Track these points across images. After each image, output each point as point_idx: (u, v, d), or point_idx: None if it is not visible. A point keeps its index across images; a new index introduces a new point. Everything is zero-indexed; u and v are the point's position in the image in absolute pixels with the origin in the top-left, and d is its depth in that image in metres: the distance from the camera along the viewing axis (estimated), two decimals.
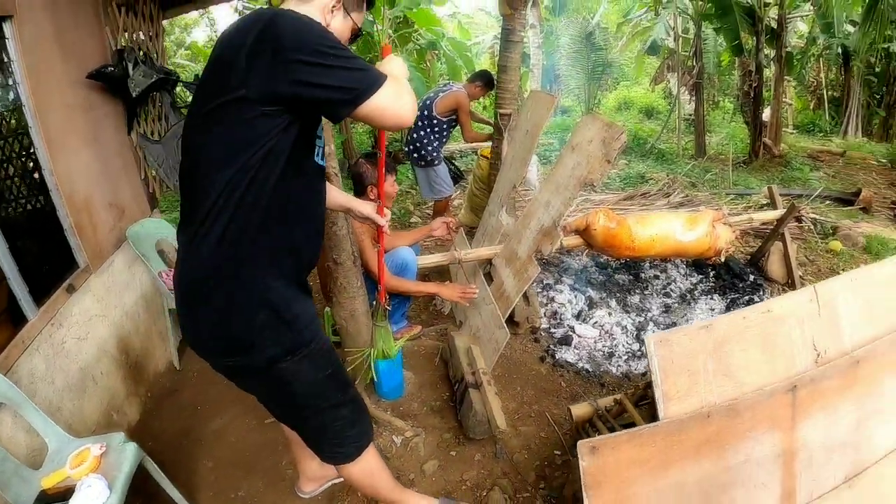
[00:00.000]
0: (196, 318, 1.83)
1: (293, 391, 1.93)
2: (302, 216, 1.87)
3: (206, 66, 1.72)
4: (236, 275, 1.74)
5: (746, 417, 1.89)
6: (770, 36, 10.53)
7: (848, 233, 6.31)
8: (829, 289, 2.19)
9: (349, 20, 1.93)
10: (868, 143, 13.58)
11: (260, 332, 1.79)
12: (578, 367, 3.85)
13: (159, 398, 3.79)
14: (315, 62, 1.56)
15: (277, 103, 1.61)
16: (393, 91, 1.67)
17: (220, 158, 1.65)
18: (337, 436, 2.10)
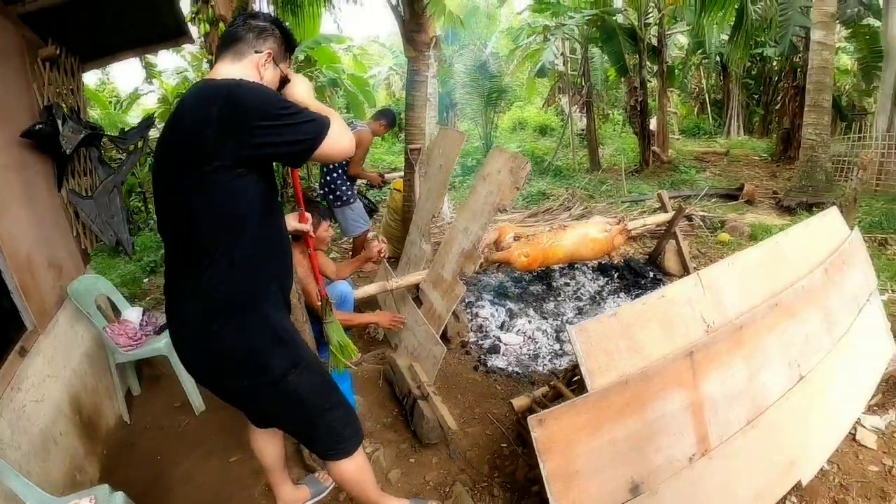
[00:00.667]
0: (212, 350, 2.09)
1: (301, 398, 2.22)
2: (280, 249, 2.22)
3: (168, 134, 1.98)
4: (243, 307, 2.04)
5: (656, 381, 2.36)
6: (652, 52, 11.42)
7: (735, 224, 7.07)
8: (711, 274, 2.75)
9: (278, 70, 2.18)
10: (750, 141, 14.73)
11: (271, 353, 2.11)
12: (509, 371, 4.26)
13: (117, 453, 3.76)
14: (276, 124, 1.87)
15: (250, 164, 1.93)
16: (337, 128, 2.01)
17: (212, 217, 1.94)
18: (338, 433, 2.36)
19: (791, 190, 8.64)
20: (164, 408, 4.17)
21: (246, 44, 2.11)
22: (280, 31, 2.20)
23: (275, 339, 2.12)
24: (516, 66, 15.71)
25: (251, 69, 2.10)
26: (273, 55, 2.15)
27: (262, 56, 2.11)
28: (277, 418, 2.40)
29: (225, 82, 1.93)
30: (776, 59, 12.59)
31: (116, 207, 4.41)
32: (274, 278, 2.18)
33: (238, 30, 2.14)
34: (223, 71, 2.08)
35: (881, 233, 6.71)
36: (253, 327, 2.07)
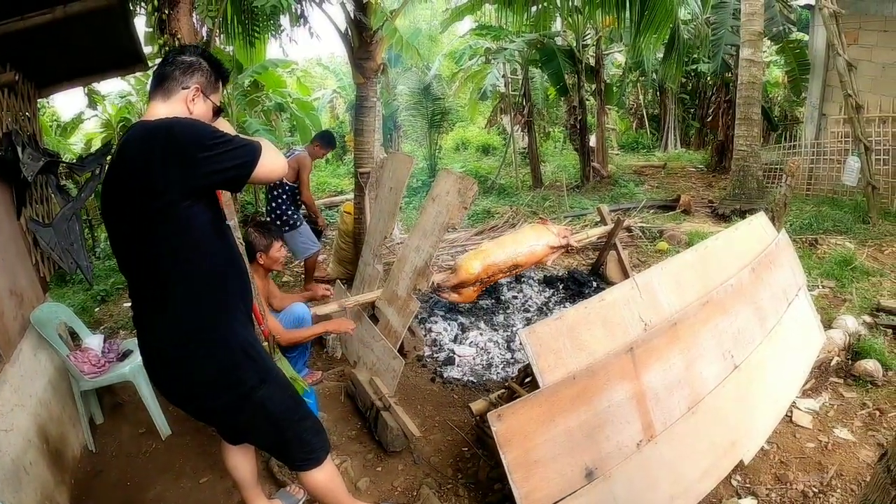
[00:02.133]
0: (187, 374, 2.19)
1: (271, 411, 2.31)
2: (236, 268, 2.33)
3: (115, 177, 2.09)
4: (210, 329, 2.16)
5: (601, 375, 2.59)
6: (590, 72, 11.77)
7: (673, 233, 7.39)
8: (646, 277, 3.01)
9: (209, 102, 2.27)
10: (687, 153, 15.16)
11: (241, 367, 2.21)
12: (465, 381, 4.44)
13: (85, 482, 3.70)
14: (215, 153, 1.97)
15: (197, 194, 2.04)
16: (268, 150, 2.10)
17: (169, 248, 2.06)
18: (308, 443, 2.45)
19: (725, 198, 9.05)
20: (129, 434, 4.13)
21: (174, 81, 2.20)
22: (208, 63, 2.28)
23: (243, 354, 2.22)
24: (458, 87, 15.96)
25: (180, 105, 2.19)
26: (201, 88, 2.24)
27: (190, 91, 2.20)
28: (251, 432, 2.49)
29: (161, 122, 2.02)
30: (710, 75, 13.06)
31: (76, 235, 4.35)
32: (234, 296, 2.27)
33: (165, 68, 2.22)
34: (155, 111, 2.17)
35: (812, 234, 7.10)
36: (222, 347, 2.18)
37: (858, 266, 5.84)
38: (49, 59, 4.39)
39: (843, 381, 3.96)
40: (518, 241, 4.81)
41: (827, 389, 3.88)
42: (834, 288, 5.46)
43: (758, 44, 8.68)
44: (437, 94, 14.54)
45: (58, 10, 3.65)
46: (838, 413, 3.65)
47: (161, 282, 2.11)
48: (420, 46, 18.16)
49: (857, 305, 4.96)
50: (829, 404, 3.73)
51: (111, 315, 6.76)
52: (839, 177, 8.88)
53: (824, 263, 6.05)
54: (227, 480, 2.97)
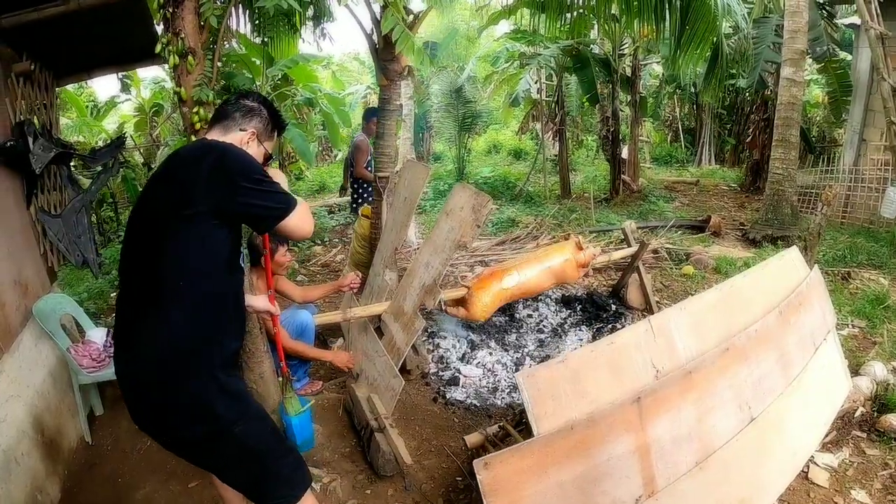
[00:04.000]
0: (160, 397, 2.10)
1: (250, 447, 2.23)
2: (235, 307, 2.29)
3: (156, 181, 2.18)
4: (193, 354, 2.08)
5: (603, 426, 2.39)
6: (625, 83, 11.51)
7: (699, 257, 7.09)
8: (662, 318, 2.80)
9: (262, 148, 2.38)
10: (720, 170, 14.83)
11: (218, 401, 2.12)
12: (468, 404, 4.27)
13: (78, 475, 3.72)
14: (257, 188, 2.06)
15: (227, 217, 2.09)
16: (303, 209, 2.18)
17: (179, 259, 2.05)
18: (287, 480, 2.34)
19: (757, 223, 8.75)
20: (126, 429, 4.09)
21: (233, 121, 2.32)
22: (267, 111, 2.40)
23: (221, 390, 2.14)
24: (493, 89, 15.81)
25: (236, 143, 2.26)
26: (257, 134, 2.35)
27: (246, 135, 2.31)
28: (226, 469, 2.36)
29: (217, 143, 2.18)
30: (747, 90, 12.76)
31: (84, 227, 4.40)
32: (226, 331, 2.23)
33: (228, 107, 2.36)
34: (211, 139, 2.27)
35: (844, 266, 6.79)
36: (203, 376, 2.10)
37: (892, 305, 5.55)
38: (67, 50, 4.44)
39: (865, 436, 3.70)
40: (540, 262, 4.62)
41: (848, 444, 3.63)
42: (864, 328, 5.19)
43: (800, 63, 8.34)
44: (468, 97, 14.41)
45: (72, 2, 3.67)
46: (858, 472, 3.40)
47: (156, 294, 2.08)
48: (457, 46, 18.12)
49: (887, 350, 4.69)
50: (849, 461, 3.48)
51: None
52: (877, 206, 8.61)
53: (856, 300, 5.78)
54: (215, 487, 2.82)
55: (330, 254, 8.52)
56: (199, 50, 3.12)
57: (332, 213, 10.94)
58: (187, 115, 3.22)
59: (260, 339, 3.59)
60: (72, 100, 13.48)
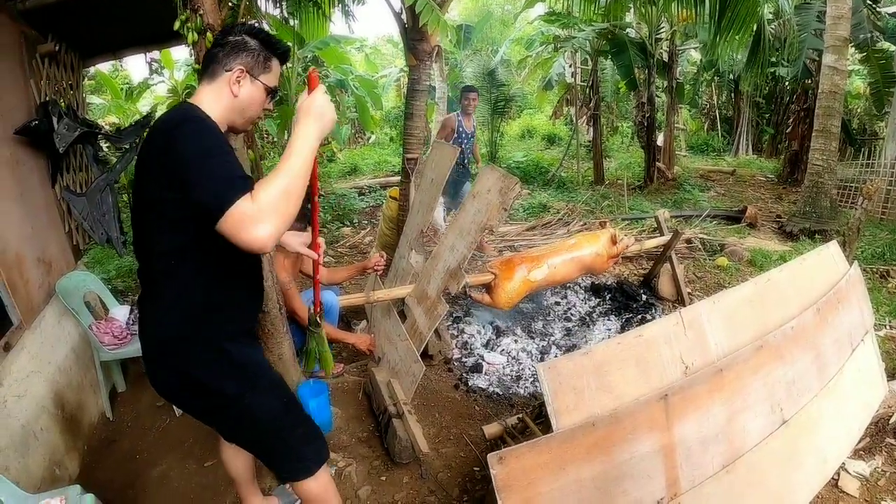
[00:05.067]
0: (166, 373, 2.10)
1: (257, 419, 2.19)
2: (243, 277, 2.17)
3: (141, 151, 1.97)
4: (196, 332, 2.03)
5: (627, 423, 2.29)
6: (662, 68, 11.30)
7: (734, 248, 6.93)
8: (693, 312, 2.67)
9: (258, 84, 2.09)
10: (758, 160, 14.54)
11: (223, 379, 2.08)
12: (490, 392, 4.19)
13: (98, 450, 3.77)
14: (192, 179, 1.73)
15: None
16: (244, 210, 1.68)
17: (163, 236, 1.93)
18: (297, 453, 2.31)
19: (794, 215, 8.54)
20: (147, 406, 4.15)
21: (217, 63, 2.05)
22: (257, 40, 2.10)
23: (229, 363, 2.10)
24: (528, 73, 15.61)
25: (224, 88, 2.05)
26: (248, 69, 2.06)
27: (233, 74, 2.04)
28: (236, 437, 2.37)
29: (176, 115, 1.94)
30: (788, 80, 12.43)
31: (108, 206, 4.41)
32: (236, 304, 2.15)
33: (212, 49, 2.09)
34: (199, 93, 2.06)
35: (884, 264, 6.58)
36: (201, 353, 2.05)
37: None
38: (92, 30, 4.41)
39: None
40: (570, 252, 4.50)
41: (881, 452, 3.47)
42: None
43: (843, 50, 8.06)
44: (501, 80, 14.25)
45: None
46: (890, 483, 3.24)
47: (151, 275, 2.06)
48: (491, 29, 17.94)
49: None
50: (882, 471, 3.32)
51: None
52: None
53: (895, 300, 5.59)
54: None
55: (358, 235, 8.48)
56: (218, 27, 3.06)
57: (363, 194, 10.91)
58: None
59: (279, 320, 3.52)
60: (106, 82, 13.61)
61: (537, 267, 4.18)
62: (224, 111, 2.05)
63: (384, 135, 19.93)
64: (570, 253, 4.40)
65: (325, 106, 1.92)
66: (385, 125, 19.87)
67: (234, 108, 2.07)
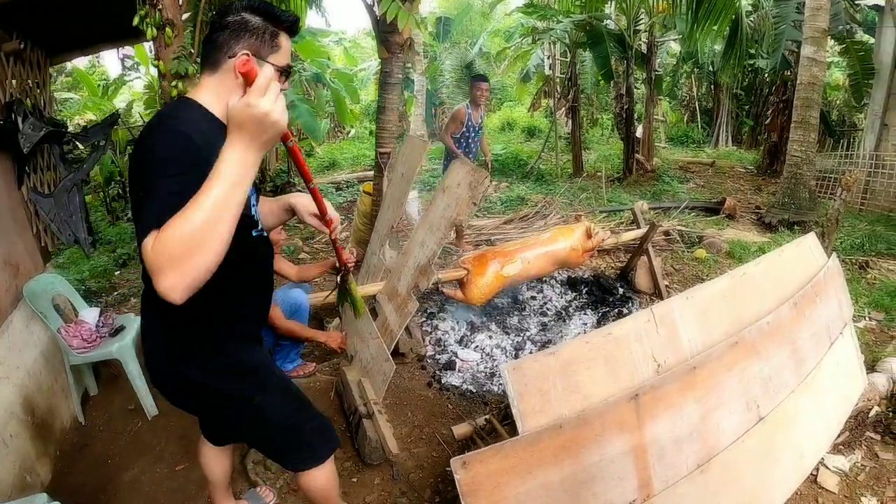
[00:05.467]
0: (165, 380, 2.06)
1: (269, 419, 2.15)
2: (244, 277, 2.01)
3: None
4: (193, 335, 1.97)
5: (595, 424, 2.21)
6: (641, 60, 11.25)
7: (712, 240, 6.88)
8: (666, 308, 2.59)
9: (268, 66, 1.71)
10: (737, 152, 14.61)
11: (231, 380, 2.05)
12: (463, 390, 4.10)
13: (69, 455, 3.70)
14: (142, 195, 1.58)
15: None
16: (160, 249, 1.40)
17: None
18: (309, 447, 2.27)
19: (773, 206, 8.51)
20: (118, 409, 4.09)
21: (218, 50, 1.81)
22: (259, 16, 1.84)
23: (231, 371, 2.05)
24: (507, 66, 15.53)
25: (229, 78, 1.81)
26: (254, 51, 1.80)
27: (238, 59, 1.68)
28: (244, 436, 2.35)
29: (159, 116, 1.79)
30: (767, 71, 12.44)
31: (76, 206, 4.36)
32: (229, 304, 2.00)
33: (210, 35, 1.84)
34: (200, 86, 1.86)
35: (863, 255, 6.57)
36: (194, 360, 2.00)
37: None
38: (59, 27, 4.29)
39: (880, 438, 3.48)
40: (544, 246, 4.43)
41: (861, 446, 3.42)
42: (882, 321, 4.97)
43: (821, 42, 8.01)
44: (479, 72, 14.14)
45: None
46: (870, 478, 3.20)
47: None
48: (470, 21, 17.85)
49: None
50: (861, 465, 3.27)
51: (128, 280, 6.69)
52: None
53: (874, 291, 5.56)
54: (200, 471, 2.81)
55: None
56: (179, 21, 2.97)
57: (340, 189, 10.80)
58: (166, 90, 3.09)
59: None
60: (83, 78, 13.44)
61: (510, 262, 4.12)
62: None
63: (363, 129, 19.79)
64: (544, 247, 4.34)
65: (263, 111, 1.42)
66: (365, 119, 19.72)
67: None
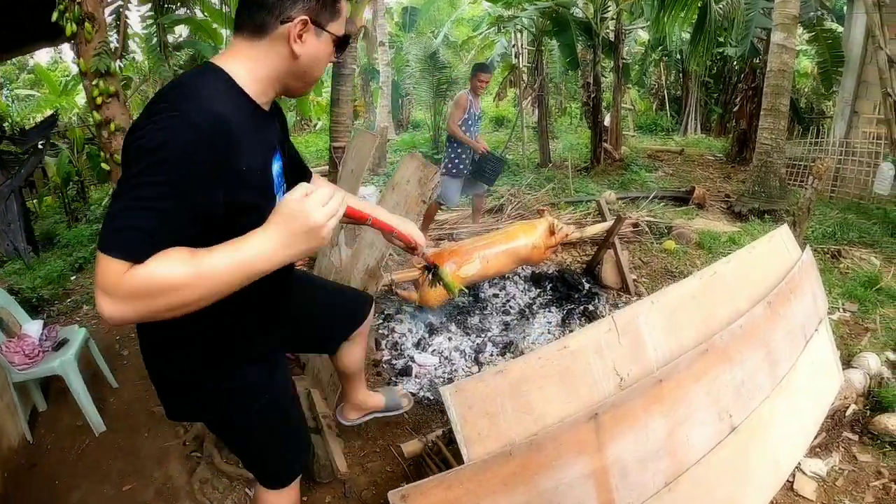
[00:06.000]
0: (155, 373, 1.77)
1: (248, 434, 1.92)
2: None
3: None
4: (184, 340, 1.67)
5: (550, 449, 1.97)
6: (608, 48, 11.07)
7: (682, 231, 6.67)
8: (629, 315, 2.35)
9: (326, 35, 1.53)
10: (706, 139, 14.57)
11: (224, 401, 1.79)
12: (420, 397, 3.85)
13: (17, 475, 3.51)
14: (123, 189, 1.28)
15: None
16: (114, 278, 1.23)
17: None
18: (279, 466, 2.06)
19: (743, 195, 8.34)
20: (66, 426, 3.89)
21: (266, 10, 1.45)
22: None
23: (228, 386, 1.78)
24: (474, 55, 15.25)
25: (279, 46, 1.48)
26: (313, 17, 1.47)
27: (295, 26, 1.44)
28: (223, 439, 2.18)
29: (171, 95, 1.38)
30: (736, 59, 12.34)
31: (14, 214, 4.14)
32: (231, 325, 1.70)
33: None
34: (233, 51, 1.51)
35: (835, 244, 6.43)
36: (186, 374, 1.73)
37: (885, 288, 5.18)
38: None
39: (857, 439, 3.32)
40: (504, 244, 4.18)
41: (838, 448, 3.25)
42: (856, 313, 4.81)
43: (792, 28, 7.84)
44: (444, 62, 13.86)
45: None
46: (848, 482, 3.02)
47: None
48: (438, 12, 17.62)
49: (880, 339, 4.32)
50: (839, 469, 3.10)
51: (83, 286, 6.40)
52: (868, 181, 8.29)
53: (847, 281, 5.41)
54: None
55: None
56: (100, 16, 2.70)
57: None
58: (89, 89, 2.82)
59: None
60: (42, 75, 13.20)
61: (468, 262, 3.87)
62: (275, 75, 1.53)
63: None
64: (504, 245, 4.10)
65: (318, 223, 1.32)
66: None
67: (292, 71, 1.53)
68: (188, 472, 3.26)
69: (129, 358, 4.66)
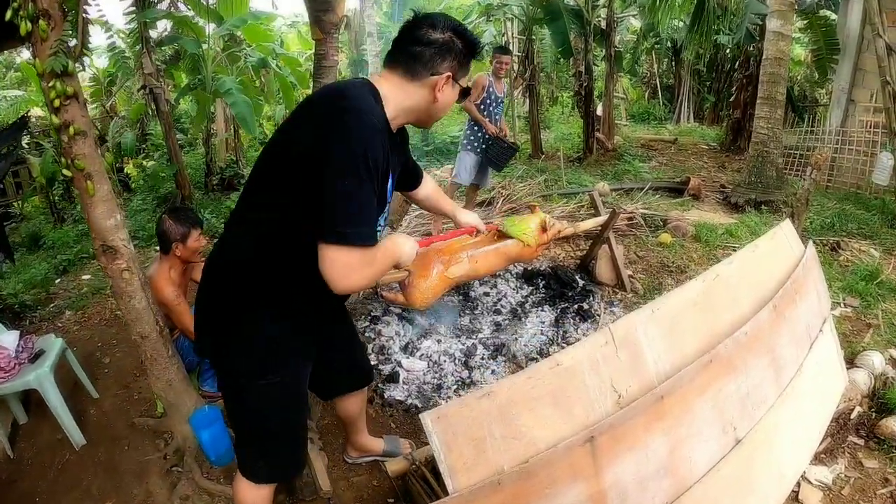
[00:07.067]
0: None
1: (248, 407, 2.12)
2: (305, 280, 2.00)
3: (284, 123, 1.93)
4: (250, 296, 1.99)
5: (542, 476, 1.81)
6: (600, 36, 10.91)
7: (678, 223, 6.50)
8: (627, 326, 2.19)
9: (457, 87, 1.96)
10: (700, 128, 14.47)
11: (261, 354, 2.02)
12: (408, 404, 3.71)
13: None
14: (333, 191, 1.66)
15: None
16: (358, 259, 1.73)
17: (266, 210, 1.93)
18: (263, 458, 2.22)
19: (739, 185, 8.20)
20: (47, 440, 3.78)
21: (422, 64, 1.87)
22: (462, 41, 1.91)
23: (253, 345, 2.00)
24: None
25: (424, 91, 1.91)
26: (454, 73, 1.91)
27: (441, 79, 1.88)
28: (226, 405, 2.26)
29: (350, 102, 1.77)
30: (730, 46, 12.21)
31: None
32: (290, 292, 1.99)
33: (414, 48, 1.87)
34: (387, 80, 1.91)
35: (833, 235, 6.29)
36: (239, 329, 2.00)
37: (886, 281, 5.06)
38: None
39: (863, 443, 3.21)
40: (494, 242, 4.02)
41: (844, 454, 3.14)
42: (858, 308, 4.68)
43: (788, 15, 7.69)
44: None
45: None
46: (854, 490, 2.91)
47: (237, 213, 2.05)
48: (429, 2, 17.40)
49: (884, 336, 4.20)
50: (846, 476, 2.99)
51: (66, 290, 6.30)
52: (865, 170, 8.17)
53: (847, 275, 5.28)
54: None
55: None
56: (56, 12, 2.55)
57: None
58: (46, 91, 2.66)
59: (161, 343, 3.18)
60: (29, 73, 12.91)
61: (456, 262, 3.68)
62: (412, 110, 1.95)
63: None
64: (494, 243, 3.92)
65: (404, 250, 2.14)
66: None
67: (427, 110, 1.97)
68: (169, 489, 3.18)
69: (109, 366, 4.53)
